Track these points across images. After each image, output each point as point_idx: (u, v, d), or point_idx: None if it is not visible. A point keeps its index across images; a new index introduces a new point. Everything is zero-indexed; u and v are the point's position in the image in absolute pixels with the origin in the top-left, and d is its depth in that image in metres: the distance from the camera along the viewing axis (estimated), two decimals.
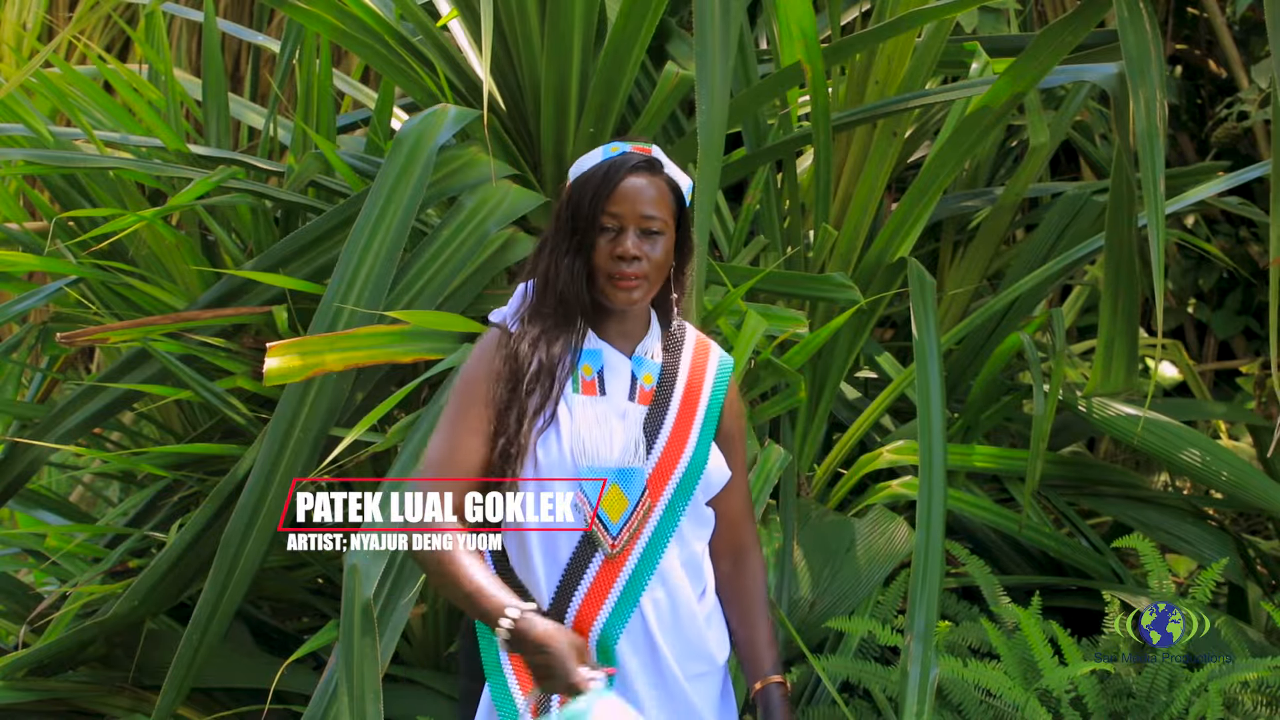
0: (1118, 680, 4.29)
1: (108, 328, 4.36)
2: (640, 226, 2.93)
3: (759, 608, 3.12)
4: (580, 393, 2.97)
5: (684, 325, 3.11)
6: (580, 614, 2.94)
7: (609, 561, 2.94)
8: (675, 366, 3.04)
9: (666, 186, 2.97)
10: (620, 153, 2.97)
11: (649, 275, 2.93)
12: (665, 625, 2.99)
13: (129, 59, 7.50)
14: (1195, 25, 7.44)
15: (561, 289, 2.97)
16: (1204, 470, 4.82)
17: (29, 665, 4.55)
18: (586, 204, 2.94)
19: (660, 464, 2.96)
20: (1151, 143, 4.04)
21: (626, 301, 2.95)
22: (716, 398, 3.05)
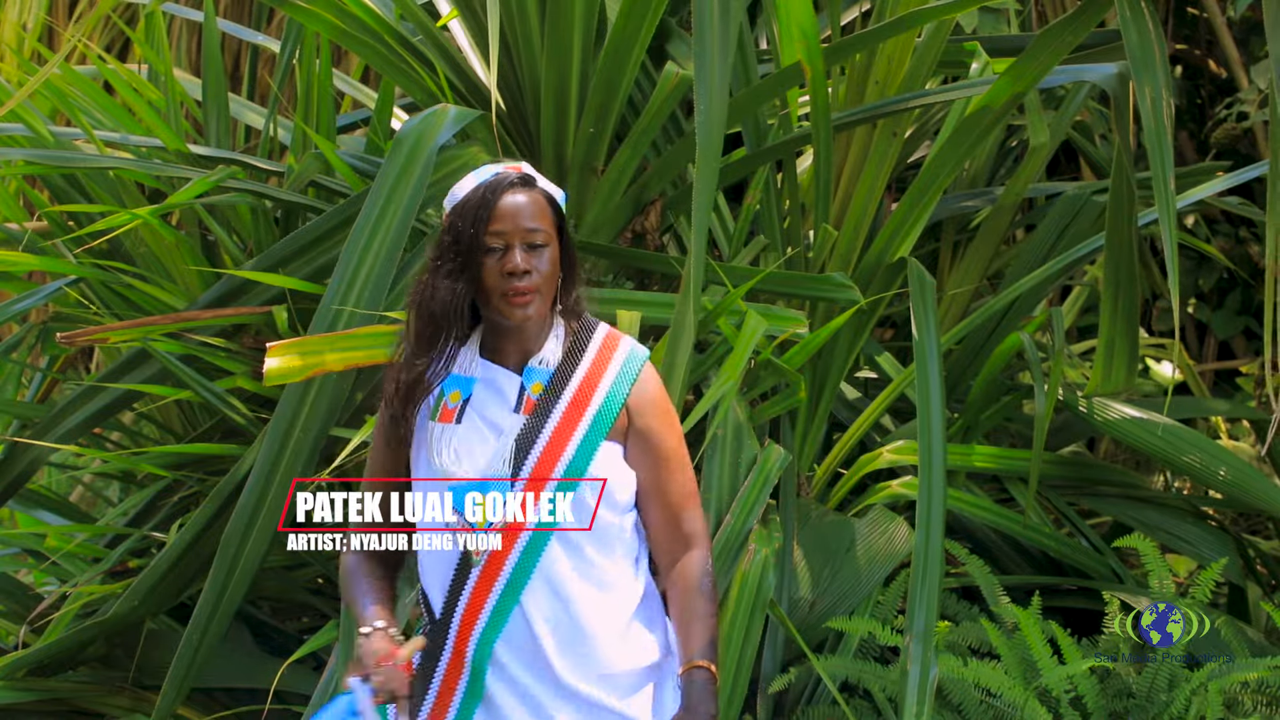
0: (1117, 680, 4.30)
1: (107, 328, 4.36)
2: (525, 241, 2.95)
3: (692, 594, 3.00)
4: (437, 419, 3.00)
5: (594, 325, 3.08)
6: (461, 624, 2.97)
7: (485, 571, 2.95)
8: (570, 370, 3.02)
9: (544, 199, 2.99)
10: (494, 174, 3.00)
11: (540, 288, 2.95)
12: (560, 635, 2.95)
13: (129, 59, 7.50)
14: (1195, 25, 7.44)
15: (435, 310, 2.99)
16: (1203, 470, 4.82)
17: (29, 665, 4.55)
18: (469, 227, 2.96)
19: (536, 470, 2.94)
20: (1159, 140, 4.04)
21: (523, 317, 2.96)
22: (614, 396, 3.00)
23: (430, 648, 3.00)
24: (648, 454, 3.02)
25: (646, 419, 3.03)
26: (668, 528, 3.03)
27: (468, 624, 2.96)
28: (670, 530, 3.03)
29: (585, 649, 2.95)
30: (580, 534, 2.97)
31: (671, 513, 3.03)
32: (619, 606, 2.99)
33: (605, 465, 2.98)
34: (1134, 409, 4.91)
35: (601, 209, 4.75)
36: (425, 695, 2.99)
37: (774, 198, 4.97)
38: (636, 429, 3.02)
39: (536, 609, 2.94)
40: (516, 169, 3.01)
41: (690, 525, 3.04)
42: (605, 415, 2.99)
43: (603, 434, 2.98)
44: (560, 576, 2.95)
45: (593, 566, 2.97)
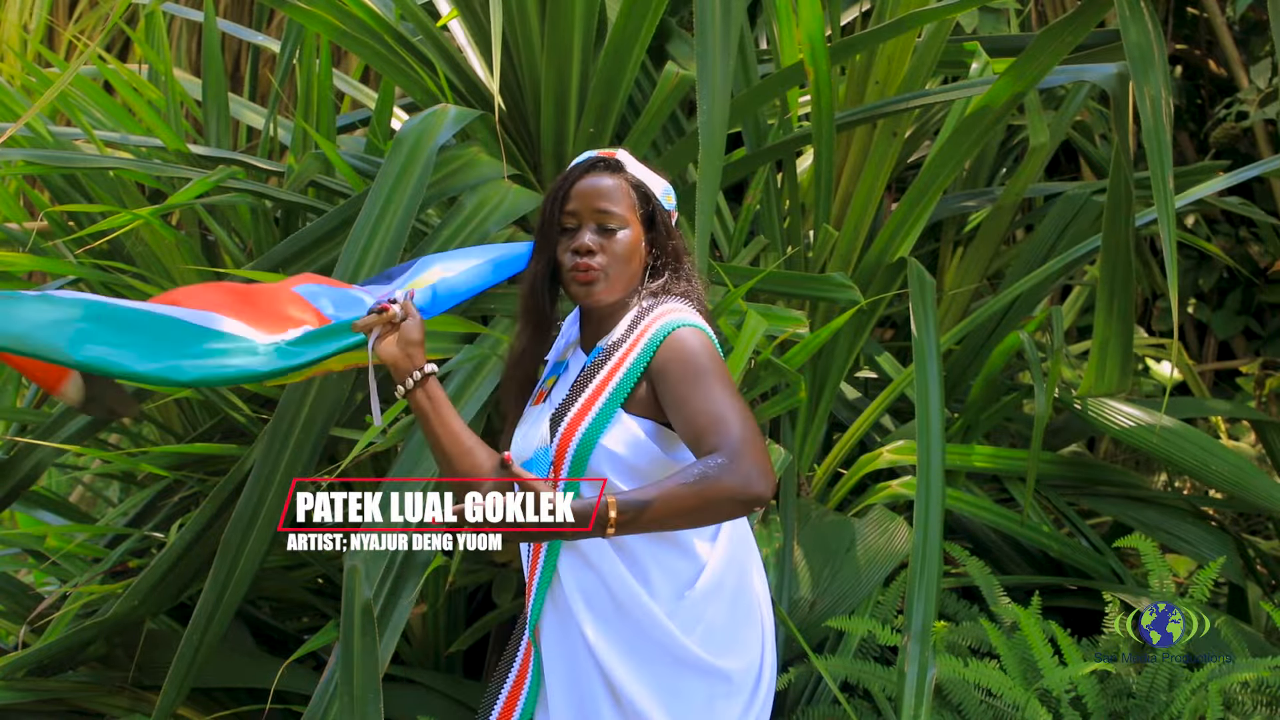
0: (1118, 680, 4.30)
1: None
2: (597, 221, 3.01)
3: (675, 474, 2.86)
4: (533, 404, 3.12)
5: (656, 305, 3.04)
6: (526, 596, 3.09)
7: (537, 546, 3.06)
8: (618, 347, 3.03)
9: (628, 184, 3.04)
10: (586, 158, 3.08)
11: (607, 269, 3.00)
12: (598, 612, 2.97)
13: (129, 59, 7.50)
14: (1195, 25, 7.44)
15: (527, 289, 3.12)
16: (1203, 469, 4.82)
17: (29, 665, 4.55)
18: (548, 210, 3.05)
19: (560, 442, 2.99)
20: (1159, 140, 4.04)
21: (587, 295, 3.02)
22: (634, 367, 2.99)
23: (519, 629, 3.14)
24: (673, 411, 2.94)
25: (666, 381, 2.96)
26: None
27: (527, 597, 3.08)
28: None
29: (618, 623, 2.96)
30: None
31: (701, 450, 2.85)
32: (675, 592, 2.98)
33: (618, 437, 2.97)
34: (1134, 408, 4.91)
35: None
36: (509, 672, 3.12)
37: (774, 198, 4.98)
38: (660, 394, 2.97)
39: (572, 579, 2.99)
40: (610, 154, 3.08)
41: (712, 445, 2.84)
42: (623, 386, 3.00)
43: (617, 404, 2.98)
44: (598, 558, 2.98)
45: (632, 547, 2.97)
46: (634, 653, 2.95)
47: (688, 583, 2.99)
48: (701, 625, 2.97)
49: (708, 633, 2.98)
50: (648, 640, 2.95)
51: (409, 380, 3.10)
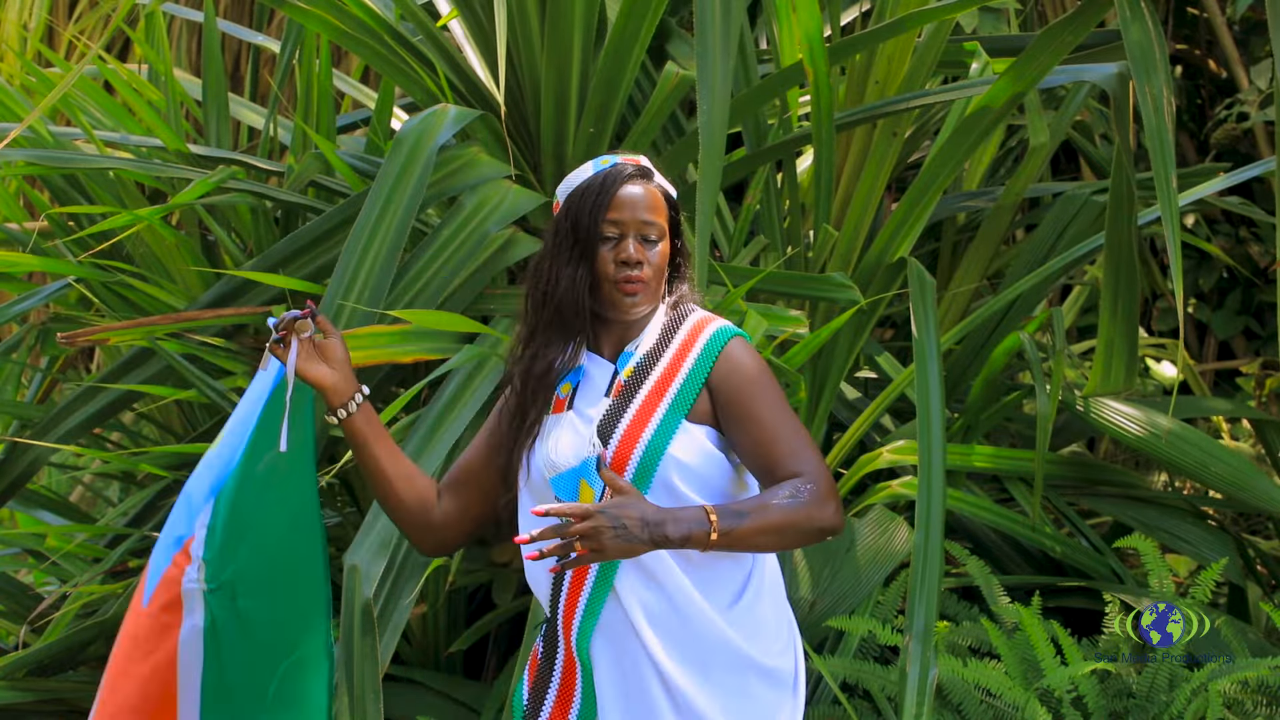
0: (1118, 680, 4.30)
1: (108, 328, 4.36)
2: (640, 233, 2.96)
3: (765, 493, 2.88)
4: (550, 413, 3.00)
5: (690, 311, 3.04)
6: (564, 619, 2.94)
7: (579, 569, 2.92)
8: (660, 354, 2.98)
9: (660, 194, 3.00)
10: (612, 164, 3.00)
11: (650, 281, 2.95)
12: (659, 625, 2.89)
13: (129, 59, 7.50)
14: (1195, 25, 7.44)
15: (560, 298, 2.98)
16: (1202, 470, 4.82)
17: (29, 665, 4.55)
18: (587, 214, 2.96)
19: (618, 452, 2.90)
20: (1161, 139, 4.03)
21: (632, 307, 2.96)
22: (694, 376, 2.95)
23: (548, 642, 3.00)
24: (741, 425, 2.93)
25: (732, 393, 2.94)
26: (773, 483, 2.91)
27: (569, 618, 2.94)
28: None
29: (683, 636, 2.90)
30: None
31: (778, 473, 2.88)
32: (729, 600, 2.94)
33: (687, 446, 2.92)
34: (1134, 408, 4.91)
35: None
36: (545, 697, 2.99)
37: (774, 198, 4.98)
38: (723, 406, 2.95)
39: (633, 596, 2.90)
40: (635, 161, 3.02)
41: (794, 469, 2.89)
42: (685, 395, 2.94)
43: (682, 413, 2.92)
44: (659, 568, 2.89)
45: (694, 557, 2.90)
46: (701, 665, 2.90)
47: (740, 588, 2.96)
48: (758, 629, 2.96)
49: (763, 635, 2.96)
50: (713, 650, 2.90)
51: (352, 404, 3.00)
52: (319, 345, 2.99)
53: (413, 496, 3.05)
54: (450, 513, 3.08)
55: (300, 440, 3.00)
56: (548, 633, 3.00)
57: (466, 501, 3.08)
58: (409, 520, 3.06)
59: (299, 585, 3.07)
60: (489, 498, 3.08)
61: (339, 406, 2.98)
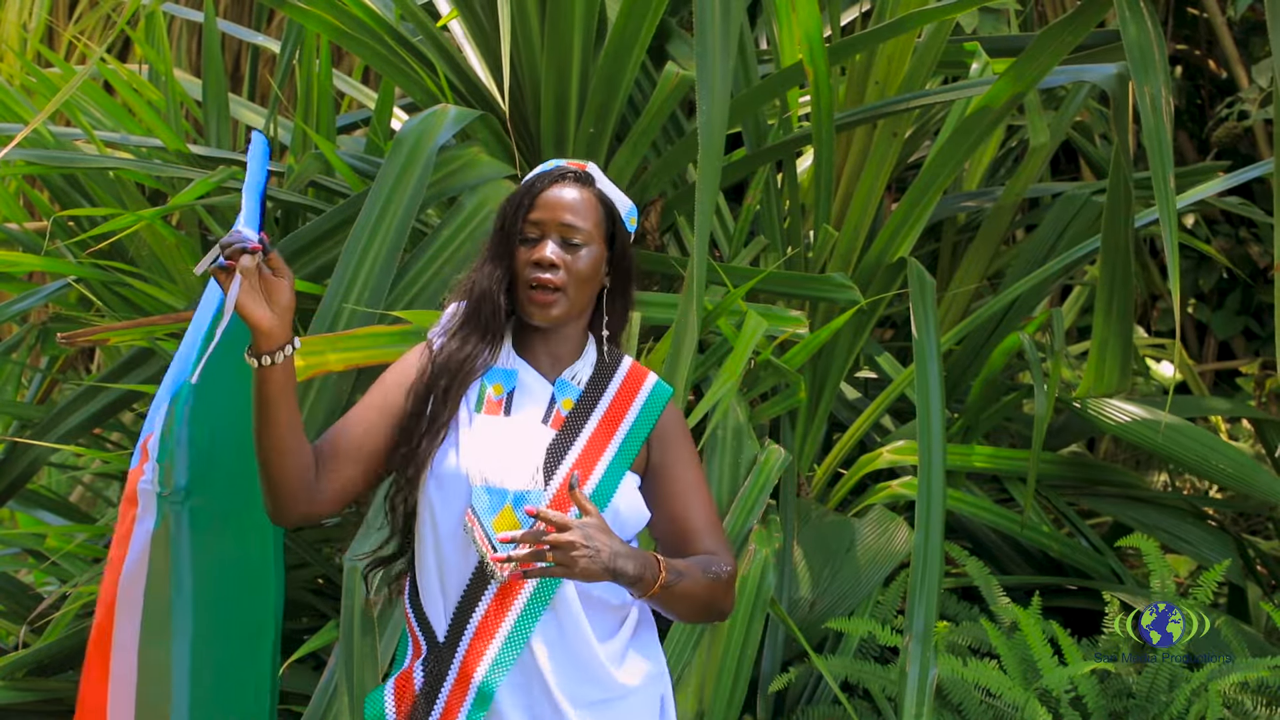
0: (1118, 680, 4.30)
1: (108, 328, 4.36)
2: (561, 235, 2.86)
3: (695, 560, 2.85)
4: (483, 412, 2.89)
5: (619, 355, 2.99)
6: (472, 645, 2.81)
7: (501, 593, 2.80)
8: (599, 394, 2.91)
9: (596, 200, 2.90)
10: (554, 166, 2.93)
11: (566, 287, 2.85)
12: (557, 660, 2.81)
13: (129, 59, 7.50)
14: (1195, 25, 7.45)
15: (478, 295, 2.90)
16: (1204, 466, 4.82)
17: (29, 665, 4.55)
18: (510, 212, 2.90)
19: (560, 491, 2.80)
20: (1159, 140, 4.03)
21: (544, 315, 2.86)
22: (638, 430, 2.90)
23: (431, 671, 2.85)
24: (669, 486, 2.92)
25: (669, 453, 2.93)
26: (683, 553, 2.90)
27: (476, 651, 2.81)
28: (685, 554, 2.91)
29: (582, 673, 2.83)
30: None
31: (695, 546, 2.89)
32: (618, 631, 2.89)
33: (627, 496, 2.88)
34: (1134, 406, 4.91)
35: None
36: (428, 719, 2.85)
37: (774, 198, 4.98)
38: (656, 464, 2.92)
39: (541, 639, 2.82)
40: (581, 166, 2.93)
41: (710, 546, 2.91)
42: (629, 448, 2.89)
43: (627, 465, 2.88)
44: (567, 601, 2.82)
45: (594, 595, 2.84)
46: (582, 695, 2.84)
47: (618, 624, 2.90)
48: (628, 658, 2.90)
49: (632, 664, 2.90)
50: (593, 679, 2.84)
51: (280, 354, 2.74)
52: (266, 283, 2.73)
53: (296, 465, 2.82)
54: (326, 489, 2.86)
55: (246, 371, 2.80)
56: (432, 662, 2.85)
57: (347, 477, 2.88)
58: (288, 488, 2.82)
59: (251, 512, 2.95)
60: (370, 478, 2.90)
61: (265, 352, 2.73)
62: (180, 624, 3.12)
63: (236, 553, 3.11)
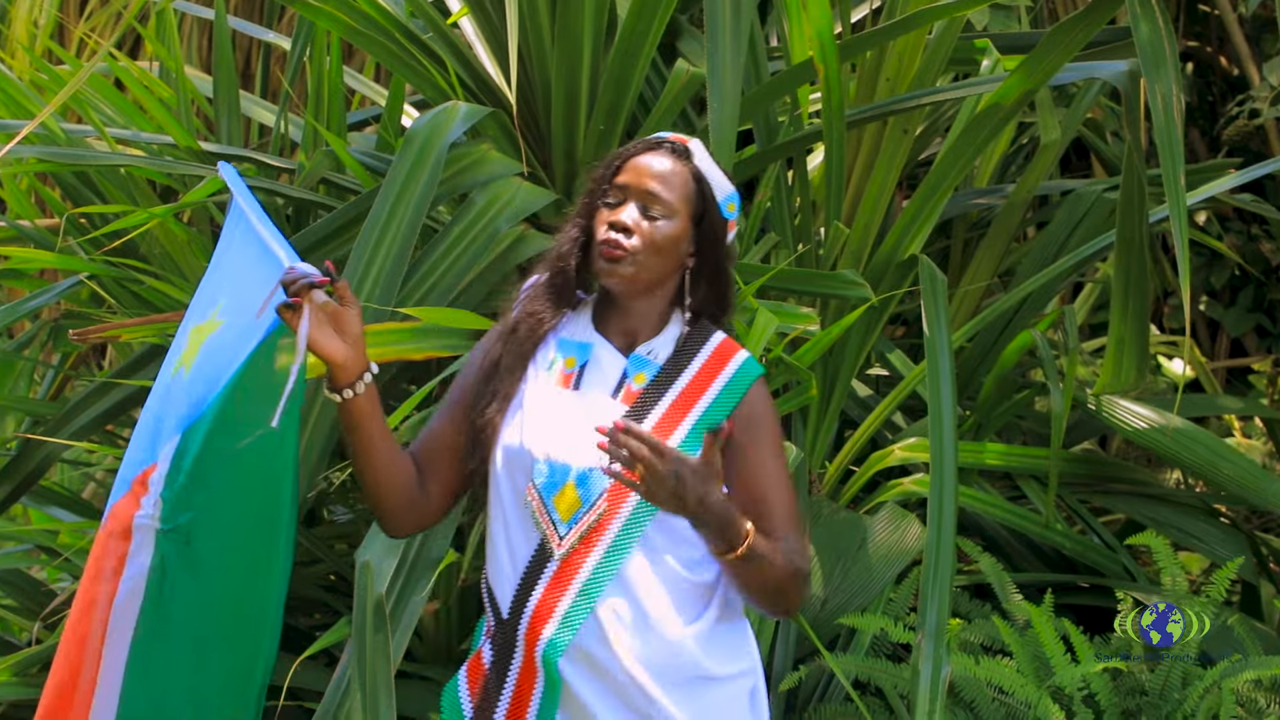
0: (1130, 678, 4.29)
1: (120, 325, 4.36)
2: (643, 202, 2.80)
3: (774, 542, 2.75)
4: (554, 383, 2.84)
5: (711, 330, 2.89)
6: (531, 623, 2.77)
7: (563, 567, 2.76)
8: (677, 370, 2.83)
9: (688, 174, 2.83)
10: (658, 136, 2.89)
11: (639, 253, 2.78)
12: (633, 637, 2.76)
13: (140, 56, 7.50)
14: (1206, 22, 7.43)
15: (554, 256, 2.87)
16: (1211, 470, 4.82)
17: (42, 661, 4.55)
18: (600, 174, 2.86)
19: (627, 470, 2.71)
20: (1170, 137, 4.02)
21: (610, 275, 2.79)
22: (718, 408, 2.80)
23: (499, 648, 2.83)
24: (748, 467, 2.81)
25: (750, 433, 2.82)
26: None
27: (537, 625, 2.77)
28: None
29: (667, 652, 2.77)
30: (665, 540, 2.79)
31: (771, 532, 2.77)
32: (704, 613, 2.82)
33: None
34: (1144, 407, 4.91)
35: None
36: (499, 699, 2.82)
37: (785, 195, 4.97)
38: (737, 443, 2.81)
39: (612, 615, 2.76)
40: (683, 140, 2.87)
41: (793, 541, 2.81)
42: (706, 426, 2.78)
43: (700, 443, 2.76)
44: (639, 582, 2.77)
45: (673, 574, 2.79)
46: (666, 676, 2.77)
47: (703, 608, 2.84)
48: (715, 644, 2.84)
49: (720, 650, 2.85)
50: (676, 663, 2.77)
51: (359, 384, 2.73)
52: (334, 314, 2.70)
53: (401, 479, 2.84)
54: (432, 493, 2.89)
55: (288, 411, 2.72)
56: (500, 638, 2.83)
57: (447, 479, 2.89)
58: (393, 503, 2.85)
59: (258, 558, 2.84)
60: (464, 467, 2.89)
61: (345, 385, 2.73)
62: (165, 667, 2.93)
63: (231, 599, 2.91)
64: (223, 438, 2.77)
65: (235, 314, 2.80)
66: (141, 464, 2.89)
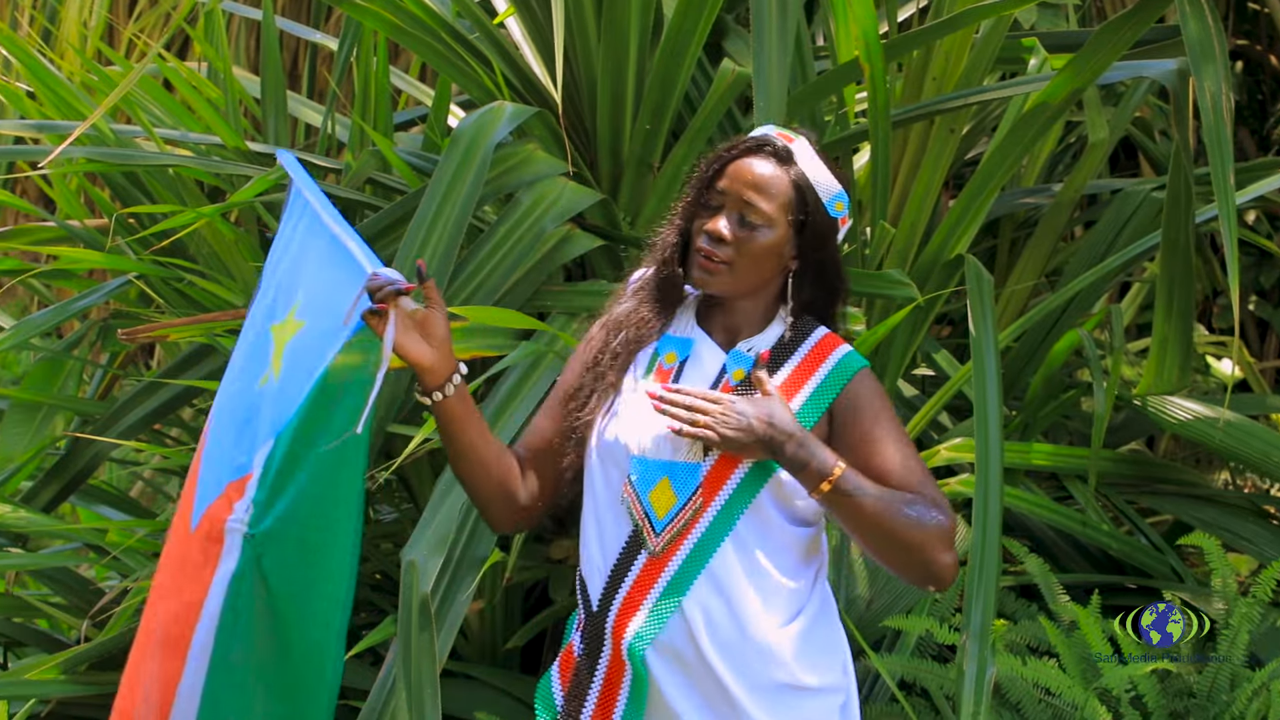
0: (1178, 679, 4.27)
1: (168, 324, 4.38)
2: (740, 211, 2.77)
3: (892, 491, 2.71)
4: (651, 379, 2.84)
5: (814, 326, 2.88)
6: (619, 617, 2.78)
7: (652, 562, 2.76)
8: (776, 366, 2.82)
9: (789, 182, 2.79)
10: (762, 133, 2.85)
11: (734, 263, 2.77)
12: (719, 637, 2.75)
13: (188, 57, 7.54)
14: (1256, 20, 7.39)
15: (659, 260, 2.88)
16: (1266, 463, 4.78)
17: (91, 659, 4.58)
18: (702, 175, 2.83)
19: (720, 462, 2.74)
20: (1219, 135, 4.00)
21: (706, 285, 2.79)
22: (816, 401, 2.79)
23: (589, 640, 2.83)
24: (856, 447, 2.77)
25: (855, 414, 2.80)
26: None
27: (624, 619, 2.77)
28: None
29: (752, 653, 2.76)
30: (756, 537, 2.78)
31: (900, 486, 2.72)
32: (794, 617, 2.81)
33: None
34: (1195, 404, 4.87)
35: (658, 206, 4.75)
36: (588, 694, 2.83)
37: None
38: (839, 430, 2.79)
39: (700, 613, 2.76)
40: (788, 138, 2.83)
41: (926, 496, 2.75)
42: (804, 420, 2.77)
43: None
44: (729, 581, 2.76)
45: (765, 574, 2.78)
46: (754, 679, 2.77)
47: (798, 609, 2.82)
48: (807, 649, 2.82)
49: (812, 656, 2.83)
50: (765, 666, 2.76)
51: (449, 386, 2.76)
52: (420, 317, 2.72)
53: (502, 477, 2.86)
54: (534, 489, 2.91)
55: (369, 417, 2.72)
56: (589, 631, 2.84)
57: (548, 472, 2.91)
58: (495, 502, 2.88)
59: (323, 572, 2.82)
60: (563, 462, 2.90)
61: (434, 388, 2.75)
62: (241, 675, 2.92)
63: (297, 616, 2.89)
64: (303, 443, 2.77)
65: (315, 315, 2.79)
66: (240, 469, 2.87)
